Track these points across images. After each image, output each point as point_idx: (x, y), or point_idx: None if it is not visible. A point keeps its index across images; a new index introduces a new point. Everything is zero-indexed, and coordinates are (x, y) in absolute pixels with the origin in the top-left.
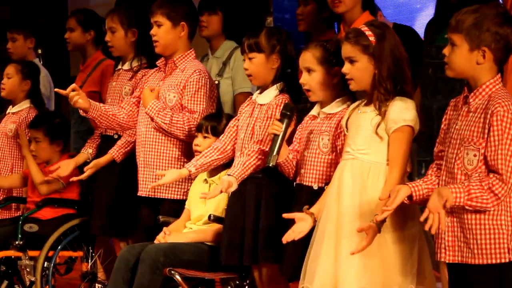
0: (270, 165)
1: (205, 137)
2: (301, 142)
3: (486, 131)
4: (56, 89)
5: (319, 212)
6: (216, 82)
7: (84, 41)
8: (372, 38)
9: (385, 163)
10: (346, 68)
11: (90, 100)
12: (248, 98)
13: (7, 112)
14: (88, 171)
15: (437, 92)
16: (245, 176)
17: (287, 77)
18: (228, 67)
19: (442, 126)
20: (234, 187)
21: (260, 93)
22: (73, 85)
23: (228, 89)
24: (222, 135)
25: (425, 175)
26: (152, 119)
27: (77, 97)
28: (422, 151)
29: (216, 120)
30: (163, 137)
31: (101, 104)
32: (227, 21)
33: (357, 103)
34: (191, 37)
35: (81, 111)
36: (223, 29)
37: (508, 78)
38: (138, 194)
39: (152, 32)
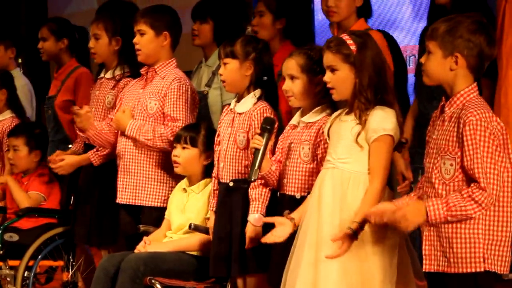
0: (252, 179)
1: (184, 147)
2: (283, 152)
3: (461, 140)
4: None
5: (299, 218)
6: (205, 92)
7: (57, 50)
8: (353, 47)
9: (365, 172)
10: (328, 76)
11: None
12: (226, 107)
13: None
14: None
15: (433, 98)
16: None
17: (265, 85)
18: (217, 77)
19: (427, 138)
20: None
21: (238, 101)
22: (87, 107)
23: (217, 99)
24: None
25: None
26: (135, 139)
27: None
28: (418, 157)
29: (194, 130)
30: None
31: (96, 123)
32: (218, 30)
33: (339, 111)
34: (174, 46)
35: (79, 131)
36: (214, 38)
37: (502, 93)
38: (116, 202)
39: (135, 40)
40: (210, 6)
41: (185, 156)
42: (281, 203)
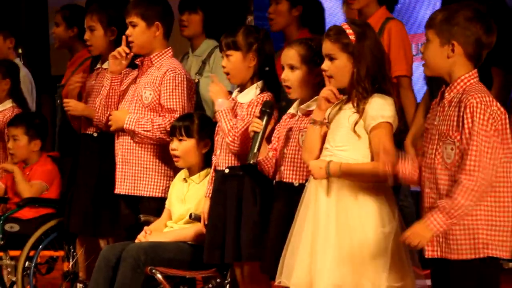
0: (251, 162)
1: (180, 139)
2: (280, 140)
3: (461, 124)
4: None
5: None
6: (196, 80)
7: (67, 37)
8: (352, 37)
9: (363, 160)
10: (326, 65)
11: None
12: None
13: None
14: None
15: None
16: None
17: (266, 75)
18: (208, 65)
19: (426, 125)
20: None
21: (240, 91)
22: None
23: (208, 87)
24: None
25: None
26: (134, 132)
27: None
28: None
29: (188, 120)
30: None
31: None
32: (207, 20)
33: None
34: (167, 36)
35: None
36: (203, 28)
37: None
38: (115, 192)
39: (127, 32)
40: None
41: (183, 148)
42: (278, 191)
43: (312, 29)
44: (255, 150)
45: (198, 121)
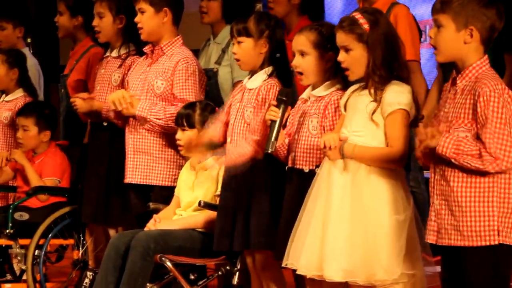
0: (269, 151)
1: (183, 129)
2: (293, 126)
3: (475, 112)
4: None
5: None
6: (215, 70)
7: (71, 26)
8: (365, 26)
9: (379, 147)
10: (342, 56)
11: None
12: (239, 84)
13: (1, 100)
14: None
15: None
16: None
17: (277, 62)
18: (227, 54)
19: (436, 111)
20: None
21: (250, 77)
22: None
23: (227, 76)
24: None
25: None
26: (145, 120)
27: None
28: None
29: (189, 110)
30: None
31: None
32: (227, 6)
33: (357, 86)
34: (177, 23)
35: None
36: (223, 14)
37: None
38: (125, 181)
39: (136, 19)
40: None
41: (186, 139)
42: (289, 177)
43: (312, 16)
44: (273, 139)
45: (199, 111)
